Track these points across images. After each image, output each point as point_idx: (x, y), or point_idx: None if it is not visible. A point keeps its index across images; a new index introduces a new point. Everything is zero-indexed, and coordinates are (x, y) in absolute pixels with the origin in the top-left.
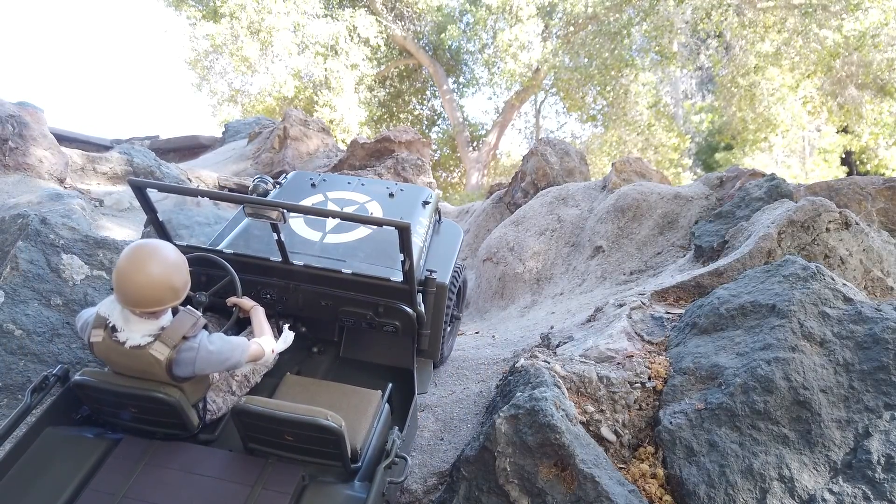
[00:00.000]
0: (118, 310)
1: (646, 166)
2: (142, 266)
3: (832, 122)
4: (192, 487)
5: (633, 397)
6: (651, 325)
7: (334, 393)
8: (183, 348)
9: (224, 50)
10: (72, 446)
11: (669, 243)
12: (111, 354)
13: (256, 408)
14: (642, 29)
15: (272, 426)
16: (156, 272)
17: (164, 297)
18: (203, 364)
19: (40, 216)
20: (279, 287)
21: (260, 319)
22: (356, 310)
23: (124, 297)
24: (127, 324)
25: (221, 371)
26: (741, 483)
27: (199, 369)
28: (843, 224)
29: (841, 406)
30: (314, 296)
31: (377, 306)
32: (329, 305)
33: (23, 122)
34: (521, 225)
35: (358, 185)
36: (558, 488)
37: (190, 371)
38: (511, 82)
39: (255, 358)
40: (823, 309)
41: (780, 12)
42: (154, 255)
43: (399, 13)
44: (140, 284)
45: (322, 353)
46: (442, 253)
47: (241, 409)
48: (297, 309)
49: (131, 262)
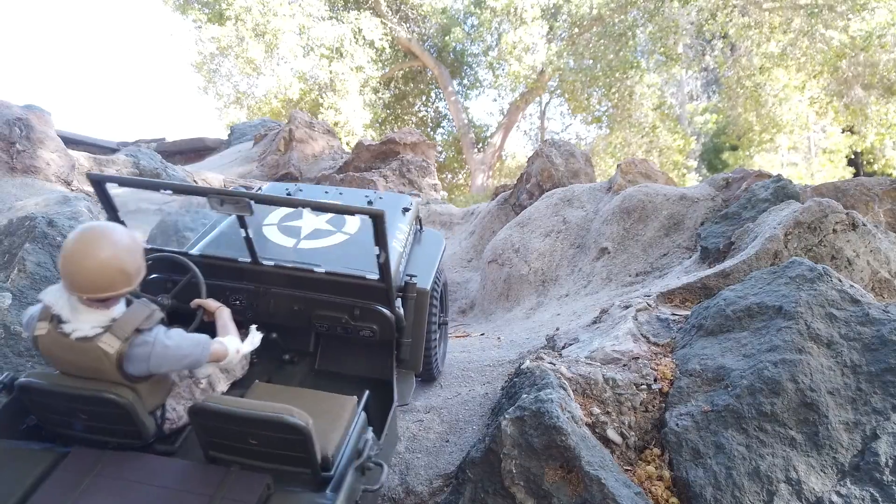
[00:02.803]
0: (65, 298)
1: (651, 168)
2: (90, 248)
3: (838, 123)
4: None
5: (639, 399)
6: (657, 327)
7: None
8: (136, 342)
9: (229, 53)
10: (15, 460)
11: (675, 245)
12: (56, 350)
13: (216, 406)
14: (647, 30)
15: (233, 427)
16: (105, 254)
17: (115, 281)
18: (159, 360)
19: (47, 218)
20: (249, 292)
21: (225, 320)
22: (330, 313)
23: (71, 281)
24: (74, 314)
25: (180, 370)
26: (748, 485)
27: (155, 366)
28: (850, 225)
29: (848, 408)
30: (286, 300)
31: (353, 308)
32: (302, 310)
33: (30, 125)
34: (526, 226)
35: (336, 194)
36: (564, 490)
37: (144, 368)
38: (516, 84)
39: (218, 358)
40: (830, 310)
41: (786, 13)
42: (104, 236)
43: (404, 15)
44: (88, 267)
45: (296, 363)
46: (423, 260)
47: (199, 409)
48: (268, 315)
49: (79, 243)
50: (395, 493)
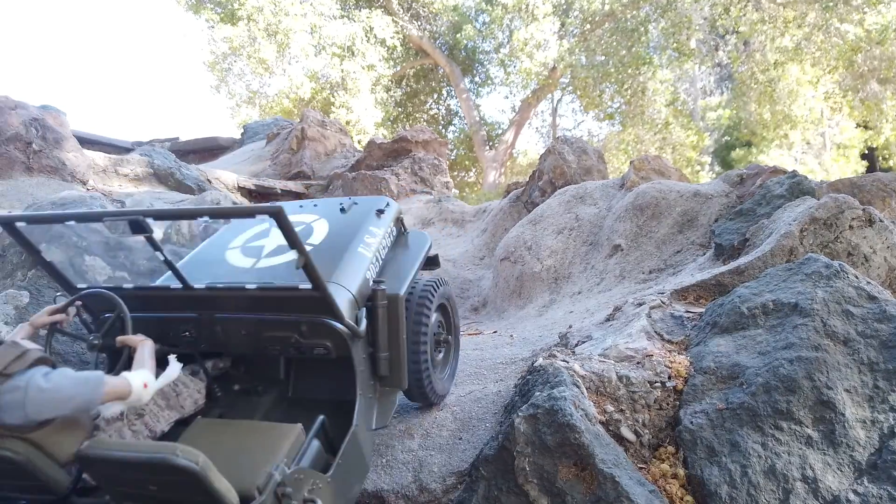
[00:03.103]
0: None
1: (665, 164)
2: None
3: (853, 118)
4: None
5: (653, 397)
6: (671, 325)
7: (245, 432)
8: (4, 389)
9: (242, 52)
10: None
11: (689, 242)
12: None
13: (95, 451)
14: (660, 26)
15: (126, 474)
16: None
17: None
18: (37, 406)
19: None
20: (194, 321)
21: (143, 354)
22: (278, 333)
23: None
24: None
25: (72, 412)
26: (764, 483)
27: (34, 413)
28: (866, 221)
29: (865, 406)
30: (233, 324)
31: (299, 325)
32: (250, 333)
33: (46, 126)
34: (538, 224)
35: (310, 206)
36: (578, 488)
37: (21, 417)
38: (527, 81)
39: (120, 395)
40: (847, 307)
41: (801, 7)
42: None
43: (415, 13)
44: None
45: (263, 393)
46: (401, 264)
47: (81, 455)
48: (220, 344)
49: None
50: (408, 490)
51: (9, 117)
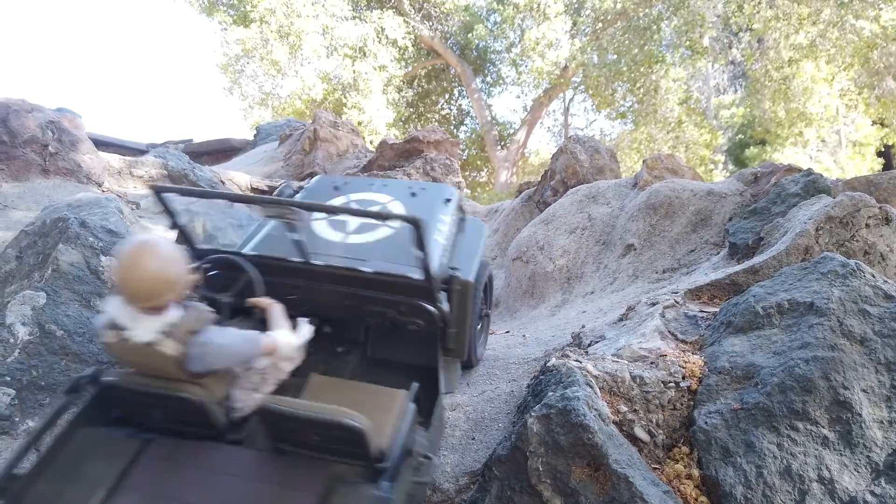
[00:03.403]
0: (123, 308)
1: (678, 163)
2: (137, 261)
3: (869, 115)
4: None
5: (667, 397)
6: (685, 324)
7: (359, 392)
8: (192, 343)
9: (254, 54)
10: (105, 447)
11: (703, 241)
12: (125, 354)
13: (282, 409)
14: (672, 24)
15: (298, 426)
16: (151, 266)
17: (162, 289)
18: (215, 359)
19: (80, 219)
20: (302, 288)
21: (275, 315)
22: (378, 309)
23: (125, 293)
24: (133, 321)
25: (238, 365)
26: (779, 484)
27: (213, 364)
28: (883, 219)
29: (883, 406)
30: (337, 296)
31: (399, 305)
32: (352, 305)
33: (62, 128)
34: (550, 223)
35: (381, 186)
36: (591, 488)
37: (203, 366)
38: (539, 80)
39: (269, 351)
40: (864, 307)
41: (815, 3)
42: (148, 250)
43: (426, 14)
44: (137, 279)
45: (348, 353)
46: (466, 251)
47: (267, 410)
48: (320, 309)
49: (127, 259)
50: None
51: (25, 120)
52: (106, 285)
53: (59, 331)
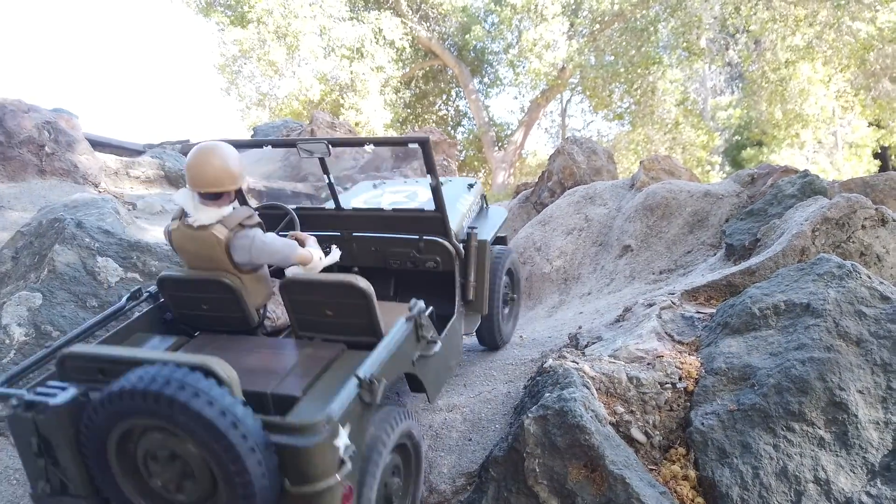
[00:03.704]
0: (190, 199)
1: (675, 164)
2: (205, 155)
3: (865, 117)
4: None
5: (664, 398)
6: (681, 325)
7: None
8: (239, 234)
9: (252, 55)
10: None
11: (699, 242)
12: (183, 241)
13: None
14: (669, 25)
15: (313, 297)
16: (215, 159)
17: (223, 178)
18: (257, 252)
19: (76, 220)
20: (336, 239)
21: (310, 242)
22: (400, 249)
23: (193, 181)
24: (196, 210)
25: (274, 264)
26: (776, 485)
27: (255, 256)
28: (879, 221)
29: (878, 407)
30: (366, 243)
31: (418, 242)
32: (378, 250)
33: (58, 129)
34: (548, 224)
35: (413, 182)
36: (588, 489)
37: (246, 257)
38: (536, 82)
39: (304, 260)
40: (860, 308)
41: (812, 5)
42: (213, 148)
43: (424, 14)
44: (204, 168)
45: None
46: (485, 223)
47: (287, 282)
48: (352, 258)
49: (197, 153)
50: None
51: (22, 120)
52: (102, 286)
53: (55, 331)
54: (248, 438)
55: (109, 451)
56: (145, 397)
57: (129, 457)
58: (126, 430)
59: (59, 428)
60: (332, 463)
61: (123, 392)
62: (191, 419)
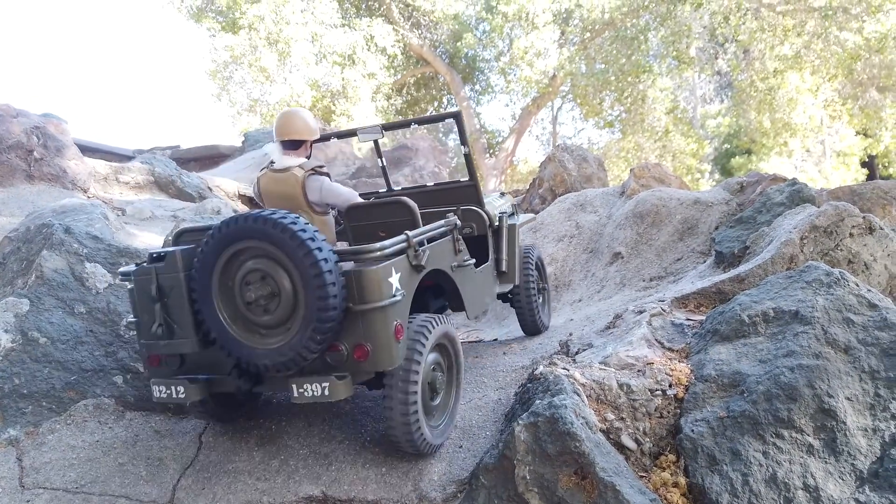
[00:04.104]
0: (276, 149)
1: (665, 172)
2: (291, 113)
3: (853, 126)
4: None
5: (654, 405)
6: (671, 332)
7: None
8: (313, 177)
9: (243, 61)
10: None
11: (689, 249)
12: (269, 184)
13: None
14: (659, 34)
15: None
16: (298, 116)
17: (302, 129)
18: (326, 193)
19: (64, 226)
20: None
21: None
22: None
23: (279, 131)
24: (280, 158)
25: (338, 205)
26: (765, 492)
27: (324, 196)
28: (866, 229)
29: (867, 414)
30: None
31: (457, 212)
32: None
33: (48, 134)
34: (538, 231)
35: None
36: (578, 497)
37: (317, 196)
38: (527, 89)
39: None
40: (848, 315)
41: (800, 15)
42: (297, 109)
43: (416, 22)
44: (291, 120)
45: None
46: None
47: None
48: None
49: (285, 113)
50: (408, 499)
51: (10, 125)
52: (90, 292)
53: (43, 338)
54: (329, 261)
55: (214, 276)
56: (264, 221)
57: (230, 279)
58: (232, 255)
59: (175, 272)
60: (387, 291)
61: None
62: (294, 242)
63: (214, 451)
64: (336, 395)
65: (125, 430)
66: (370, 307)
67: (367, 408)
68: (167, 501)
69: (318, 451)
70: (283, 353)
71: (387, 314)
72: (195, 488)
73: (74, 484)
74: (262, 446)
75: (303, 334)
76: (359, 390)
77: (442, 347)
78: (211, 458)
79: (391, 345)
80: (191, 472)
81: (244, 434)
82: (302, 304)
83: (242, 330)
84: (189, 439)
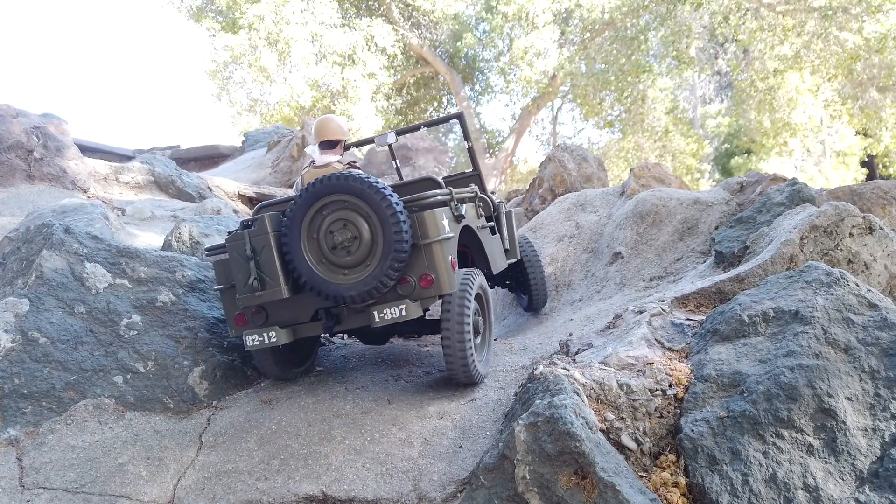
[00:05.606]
0: (315, 150)
1: (665, 172)
2: (327, 118)
3: (852, 126)
4: None
5: (654, 405)
6: (671, 332)
7: None
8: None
9: (243, 61)
10: None
11: (689, 249)
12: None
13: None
14: (659, 34)
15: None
16: (333, 121)
17: (337, 130)
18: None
19: (64, 226)
20: None
21: None
22: None
23: (319, 133)
24: (319, 157)
25: None
26: (765, 492)
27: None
28: (866, 229)
29: (867, 414)
30: None
31: None
32: None
33: (48, 134)
34: (538, 231)
35: None
36: (578, 496)
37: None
38: (527, 89)
39: None
40: (848, 315)
41: (800, 15)
42: (332, 116)
43: (416, 22)
44: (328, 125)
45: None
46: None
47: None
48: None
49: (322, 119)
50: (408, 498)
51: (10, 125)
52: (90, 292)
53: (43, 338)
54: (400, 205)
55: (303, 230)
56: (348, 179)
57: (315, 231)
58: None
59: (265, 233)
60: (442, 229)
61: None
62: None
63: (214, 451)
64: (411, 313)
65: (125, 430)
66: (431, 240)
67: (368, 408)
68: (167, 501)
69: (318, 451)
70: (367, 283)
71: (443, 247)
72: (195, 488)
73: (74, 484)
74: (262, 446)
75: (382, 266)
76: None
77: (478, 297)
78: (211, 458)
79: (449, 272)
80: (191, 472)
81: (244, 434)
82: (380, 243)
83: (328, 271)
84: (189, 439)
